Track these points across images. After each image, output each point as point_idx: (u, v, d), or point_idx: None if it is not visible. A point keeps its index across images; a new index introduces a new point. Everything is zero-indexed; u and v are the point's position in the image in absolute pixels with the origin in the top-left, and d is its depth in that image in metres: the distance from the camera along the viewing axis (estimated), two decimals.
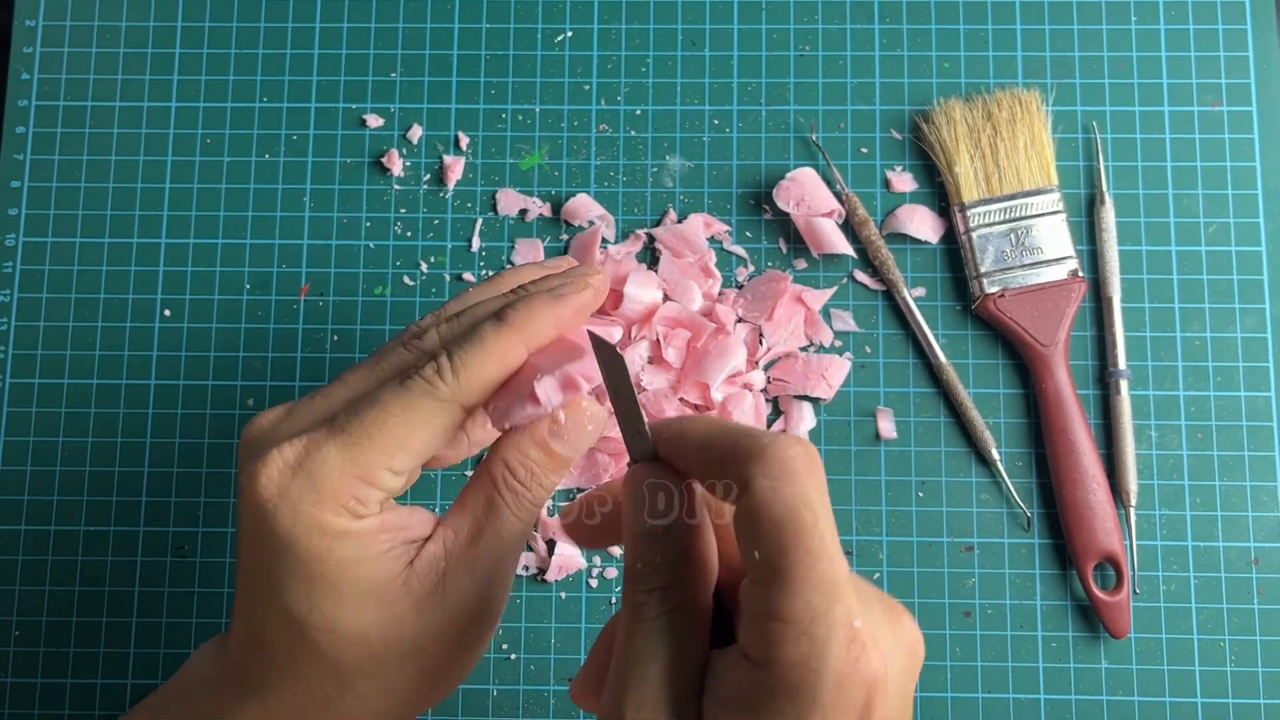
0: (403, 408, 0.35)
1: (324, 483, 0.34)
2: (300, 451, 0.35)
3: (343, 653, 0.36)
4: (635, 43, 0.61)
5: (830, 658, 0.29)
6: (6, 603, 0.56)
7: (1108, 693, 0.55)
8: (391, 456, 0.35)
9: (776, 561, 0.30)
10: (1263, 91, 0.60)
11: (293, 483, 0.34)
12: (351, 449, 0.34)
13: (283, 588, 0.35)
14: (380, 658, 0.36)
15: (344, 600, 0.35)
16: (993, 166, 0.58)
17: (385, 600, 0.36)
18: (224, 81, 0.61)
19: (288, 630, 0.35)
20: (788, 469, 0.30)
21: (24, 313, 0.59)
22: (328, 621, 0.35)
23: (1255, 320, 0.58)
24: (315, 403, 0.37)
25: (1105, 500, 0.55)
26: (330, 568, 0.35)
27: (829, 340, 0.58)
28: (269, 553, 0.35)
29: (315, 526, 0.34)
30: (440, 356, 0.36)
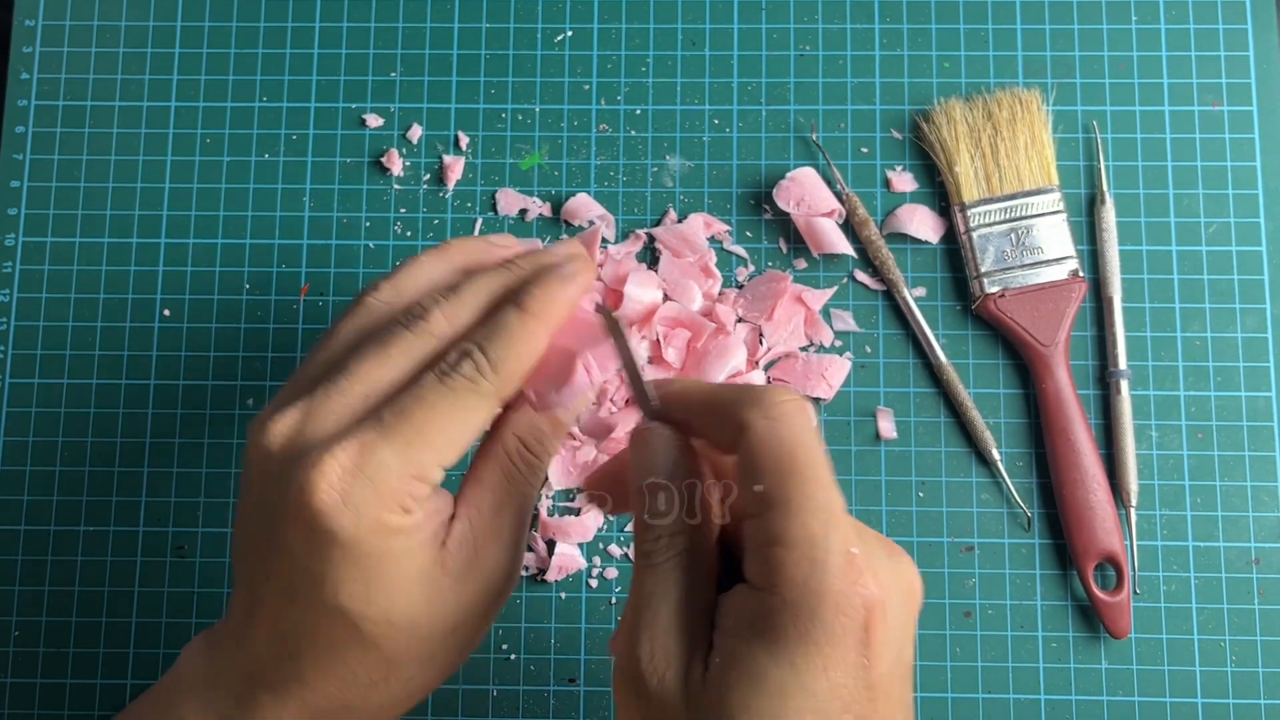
0: (450, 405, 0.36)
1: (384, 485, 0.35)
2: (355, 455, 0.35)
3: (394, 640, 0.36)
4: (635, 42, 0.61)
5: (829, 578, 0.31)
6: (6, 603, 0.56)
7: (1108, 693, 0.55)
8: (443, 454, 0.36)
9: (776, 490, 0.32)
10: (1263, 91, 0.60)
11: (354, 488, 0.35)
12: (406, 450, 0.35)
13: (339, 588, 0.35)
14: (425, 638, 0.37)
15: (397, 590, 0.36)
16: (993, 166, 0.57)
17: (429, 583, 0.37)
18: (224, 81, 0.61)
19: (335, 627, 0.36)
20: (783, 410, 0.33)
21: (23, 313, 0.59)
22: (383, 614, 0.36)
23: (1256, 320, 0.58)
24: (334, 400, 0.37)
25: (1106, 500, 0.55)
26: (387, 562, 0.35)
27: (829, 340, 0.58)
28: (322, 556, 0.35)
29: (378, 526, 0.35)
30: (473, 351, 0.37)
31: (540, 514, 0.56)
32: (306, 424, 0.37)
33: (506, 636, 0.56)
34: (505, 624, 0.56)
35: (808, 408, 0.34)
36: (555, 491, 0.57)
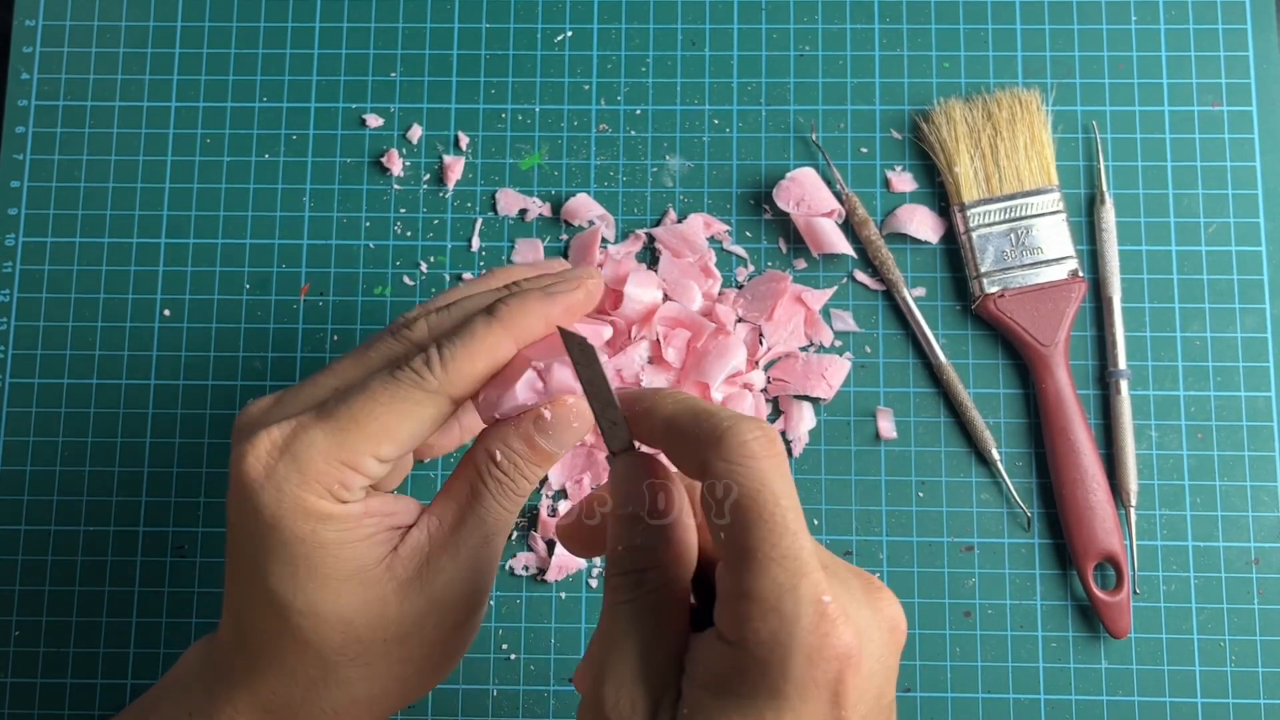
0: (390, 397, 0.36)
1: (309, 465, 0.35)
2: (287, 434, 0.35)
3: (326, 638, 0.36)
4: (635, 42, 0.61)
5: (799, 632, 0.30)
6: (6, 603, 0.56)
7: (1108, 693, 0.55)
8: (377, 444, 0.35)
9: (740, 540, 0.31)
10: (1263, 91, 0.60)
11: (279, 464, 0.35)
12: (338, 434, 0.35)
13: (267, 571, 0.35)
14: (364, 642, 0.36)
15: (327, 583, 0.35)
16: (993, 166, 0.58)
17: (368, 584, 0.36)
18: (224, 81, 0.61)
19: (272, 615, 0.36)
20: (745, 452, 0.31)
21: (24, 313, 0.59)
22: (311, 605, 0.35)
23: (1255, 320, 0.58)
24: (304, 390, 0.38)
25: (1105, 500, 0.55)
26: (314, 550, 0.35)
27: (829, 340, 0.58)
28: (254, 535, 0.35)
29: (300, 508, 0.35)
30: (430, 349, 0.37)
31: (540, 514, 0.56)
32: (273, 408, 0.38)
33: (506, 636, 0.56)
34: (505, 624, 0.56)
35: (774, 444, 0.32)
36: (555, 491, 0.57)
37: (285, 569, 0.35)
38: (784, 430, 0.57)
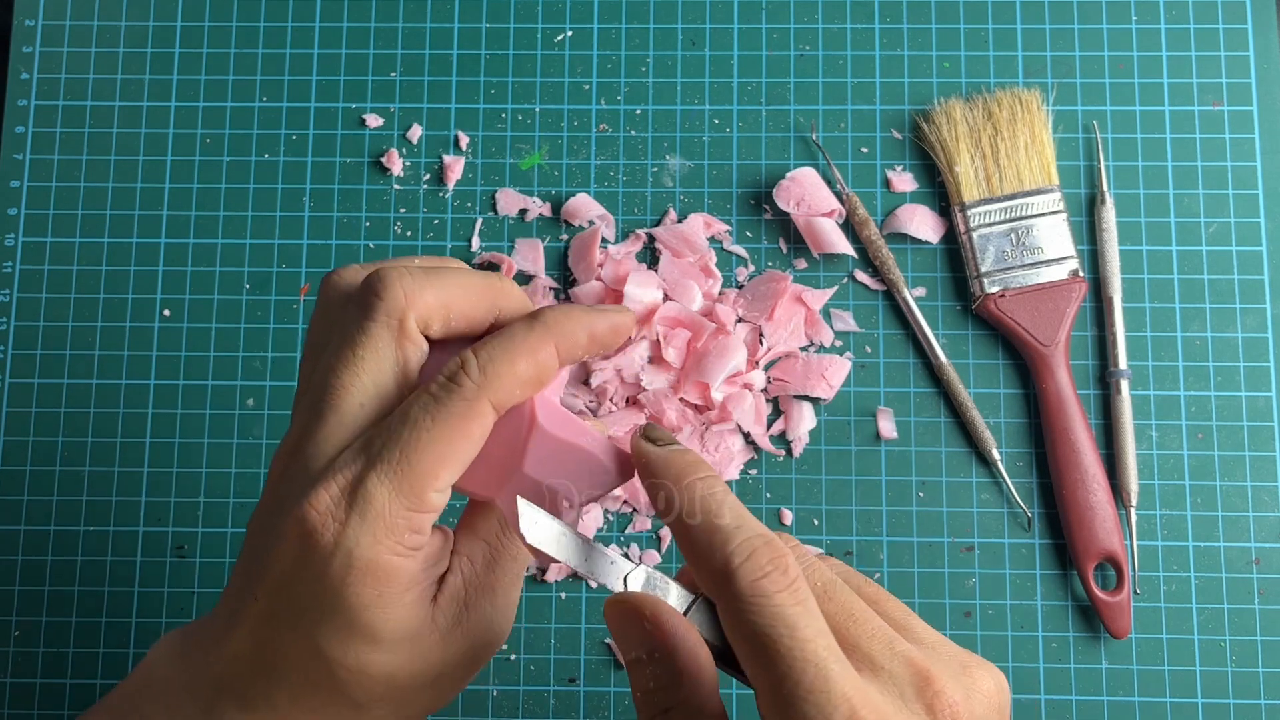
0: (433, 420, 0.33)
1: (379, 521, 0.32)
2: (345, 487, 0.32)
3: (369, 690, 0.35)
4: (635, 42, 0.61)
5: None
6: (6, 603, 0.56)
7: (1108, 693, 0.55)
8: (436, 476, 0.33)
9: (765, 676, 0.30)
10: (1263, 91, 0.60)
11: (347, 528, 0.32)
12: (396, 478, 0.32)
13: (316, 631, 0.33)
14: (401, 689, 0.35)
15: (380, 647, 0.34)
16: (993, 166, 0.57)
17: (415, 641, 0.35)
18: (223, 81, 0.61)
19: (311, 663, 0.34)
20: (756, 591, 0.31)
21: (23, 313, 0.59)
22: (360, 664, 0.34)
23: (1256, 320, 0.58)
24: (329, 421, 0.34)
25: (1106, 500, 0.55)
26: (375, 617, 0.33)
27: (829, 340, 0.58)
28: (312, 596, 0.33)
29: (371, 572, 0.33)
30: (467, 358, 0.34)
31: None
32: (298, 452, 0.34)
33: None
34: None
35: (785, 576, 0.31)
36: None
37: (339, 632, 0.33)
38: (784, 430, 0.57)
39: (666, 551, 0.56)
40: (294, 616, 0.34)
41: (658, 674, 0.33)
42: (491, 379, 0.33)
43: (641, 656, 0.33)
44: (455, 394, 0.33)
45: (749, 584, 0.31)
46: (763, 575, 0.31)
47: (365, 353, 0.34)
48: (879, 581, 0.56)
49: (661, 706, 0.33)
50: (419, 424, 0.33)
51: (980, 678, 0.33)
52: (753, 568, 0.31)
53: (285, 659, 0.35)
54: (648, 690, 0.33)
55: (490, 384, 0.33)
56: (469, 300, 0.35)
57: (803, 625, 0.30)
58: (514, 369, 0.34)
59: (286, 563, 0.33)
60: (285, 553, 0.33)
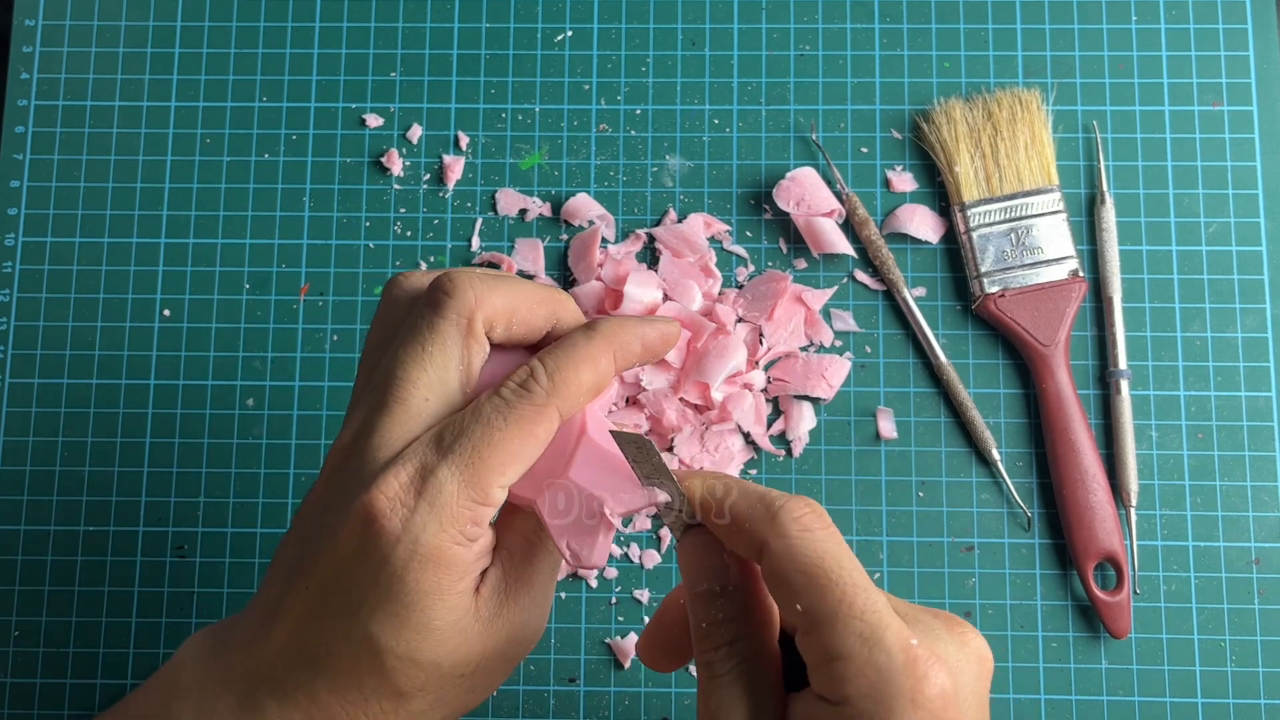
0: (504, 420, 0.35)
1: (446, 510, 0.34)
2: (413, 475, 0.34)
3: (413, 678, 0.36)
4: (635, 42, 0.61)
5: (896, 679, 0.31)
6: (6, 603, 0.56)
7: (1108, 693, 0.55)
8: (503, 472, 0.35)
9: (818, 607, 0.32)
10: (1263, 91, 0.60)
11: (416, 514, 0.34)
12: (466, 470, 0.34)
13: (371, 617, 0.34)
14: (445, 679, 0.36)
15: (430, 632, 0.35)
16: (993, 166, 0.57)
17: (461, 630, 0.36)
18: (223, 81, 0.61)
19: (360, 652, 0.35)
20: (801, 525, 0.33)
21: (23, 313, 0.59)
22: (409, 651, 0.35)
23: (1256, 320, 0.58)
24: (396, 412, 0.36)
25: (1106, 500, 0.55)
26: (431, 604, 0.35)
27: (829, 340, 0.58)
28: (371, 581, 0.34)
29: (433, 559, 0.34)
30: (534, 365, 0.36)
31: None
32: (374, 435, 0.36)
33: None
34: None
35: (824, 518, 0.34)
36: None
37: (394, 619, 0.34)
38: (784, 430, 0.57)
39: (666, 551, 0.56)
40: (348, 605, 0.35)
41: (727, 607, 0.35)
42: (559, 386, 0.36)
43: (714, 589, 0.35)
44: (527, 399, 0.35)
45: (793, 520, 0.33)
46: (803, 514, 0.34)
47: (434, 348, 0.36)
48: (879, 582, 0.56)
49: (727, 638, 0.34)
50: (492, 423, 0.35)
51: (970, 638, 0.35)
52: (794, 507, 0.34)
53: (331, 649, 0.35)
54: (715, 622, 0.35)
55: (558, 391, 0.36)
56: (531, 308, 0.38)
57: (846, 558, 0.33)
58: (579, 377, 0.36)
59: (348, 550, 0.34)
60: (347, 540, 0.34)
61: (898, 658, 0.31)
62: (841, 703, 0.31)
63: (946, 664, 0.32)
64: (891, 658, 0.31)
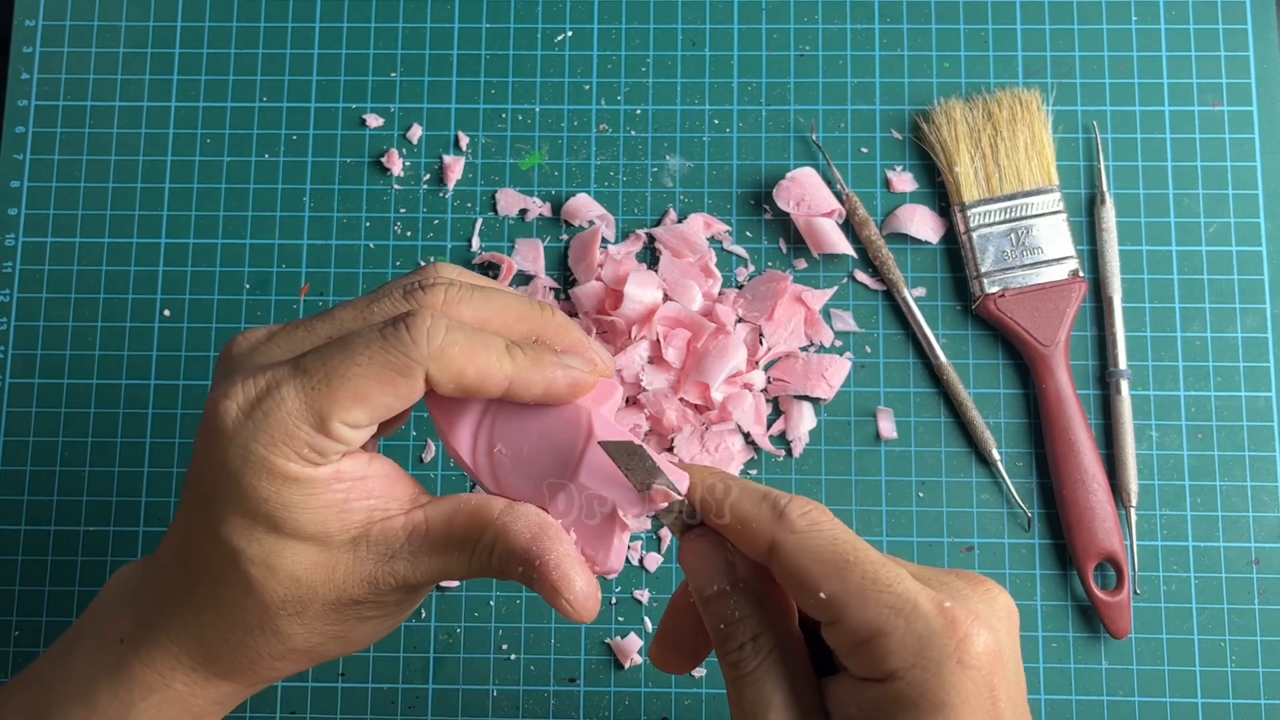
0: (369, 360, 0.33)
1: (278, 426, 0.33)
2: (261, 388, 0.34)
3: (272, 590, 0.35)
4: (635, 42, 0.61)
5: (940, 643, 0.31)
6: (6, 603, 0.56)
7: (1108, 693, 0.55)
8: (347, 410, 0.33)
9: (843, 590, 0.32)
10: (1263, 91, 0.60)
11: (247, 421, 0.33)
12: (309, 393, 0.33)
13: (223, 517, 0.34)
14: (305, 601, 0.36)
15: (284, 542, 0.35)
16: (993, 166, 0.57)
17: (326, 551, 0.35)
18: (224, 81, 0.61)
19: (221, 557, 0.35)
20: (808, 520, 0.33)
21: (23, 313, 0.59)
22: (264, 557, 0.35)
23: (1256, 320, 0.58)
24: (298, 333, 0.36)
25: (1106, 500, 0.55)
26: (275, 509, 0.34)
27: (829, 340, 0.58)
28: (216, 482, 0.34)
29: (264, 468, 0.33)
30: (434, 322, 0.34)
31: None
32: (261, 346, 0.36)
33: (506, 636, 0.56)
34: (505, 624, 0.56)
35: (828, 513, 0.34)
36: None
37: (242, 520, 0.34)
38: (784, 430, 0.57)
39: (666, 551, 0.56)
40: (207, 505, 0.35)
41: (741, 604, 0.34)
42: (440, 354, 0.33)
43: (725, 588, 0.35)
44: (399, 349, 0.33)
45: (801, 516, 0.33)
46: (810, 509, 0.34)
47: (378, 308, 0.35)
48: None
49: (749, 634, 0.34)
50: (354, 357, 0.33)
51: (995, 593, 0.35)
52: (799, 504, 0.34)
53: (199, 550, 0.36)
54: (731, 621, 0.34)
55: (437, 358, 0.33)
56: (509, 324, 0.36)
57: (860, 542, 0.33)
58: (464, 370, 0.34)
59: (199, 449, 0.35)
60: (199, 440, 0.35)
61: (936, 622, 0.31)
62: (888, 678, 0.31)
63: (984, 621, 0.32)
64: (930, 623, 0.31)
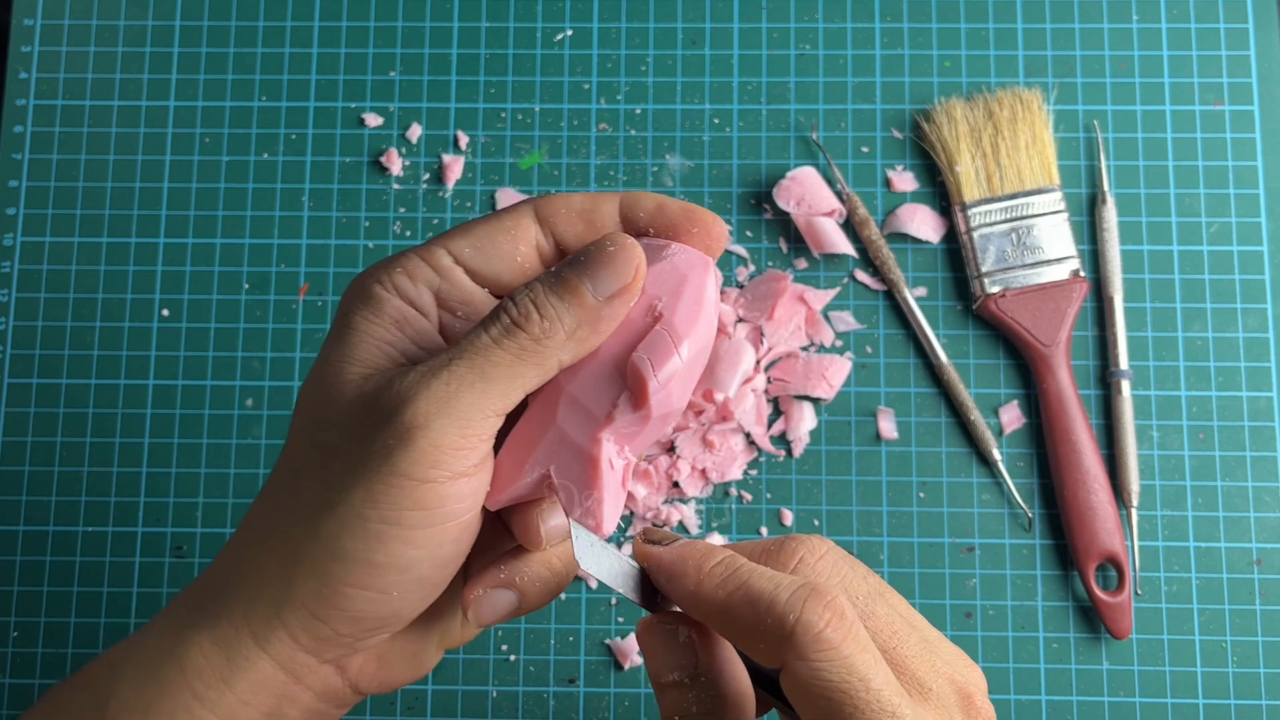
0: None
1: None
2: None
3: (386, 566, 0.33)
4: (635, 41, 0.61)
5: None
6: (4, 603, 0.56)
7: (1109, 694, 0.54)
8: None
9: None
10: (1265, 90, 0.60)
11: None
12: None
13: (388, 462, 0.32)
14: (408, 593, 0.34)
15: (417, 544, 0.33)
16: (994, 166, 0.57)
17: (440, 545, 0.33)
18: (222, 80, 0.61)
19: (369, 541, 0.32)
20: (821, 644, 0.30)
21: (22, 313, 0.59)
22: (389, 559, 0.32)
23: (1257, 320, 0.58)
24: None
25: (1107, 501, 0.55)
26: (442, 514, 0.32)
27: (830, 340, 0.58)
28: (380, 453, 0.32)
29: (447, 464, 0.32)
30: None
31: None
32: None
33: (506, 637, 0.55)
34: (505, 625, 0.55)
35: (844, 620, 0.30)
36: None
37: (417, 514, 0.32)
38: (785, 430, 0.57)
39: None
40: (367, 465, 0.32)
41: (701, 699, 0.33)
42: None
43: (683, 680, 0.33)
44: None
45: (813, 638, 0.30)
46: (825, 626, 0.30)
47: None
48: None
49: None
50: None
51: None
52: (812, 621, 0.30)
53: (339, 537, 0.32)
54: (688, 715, 0.32)
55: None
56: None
57: (874, 675, 0.30)
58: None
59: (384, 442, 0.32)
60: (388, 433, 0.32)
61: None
62: None
63: None
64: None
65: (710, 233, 0.35)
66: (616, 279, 0.33)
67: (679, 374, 0.33)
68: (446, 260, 0.35)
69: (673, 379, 0.33)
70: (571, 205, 0.35)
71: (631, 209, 0.35)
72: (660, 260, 0.34)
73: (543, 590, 0.36)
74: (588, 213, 0.35)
